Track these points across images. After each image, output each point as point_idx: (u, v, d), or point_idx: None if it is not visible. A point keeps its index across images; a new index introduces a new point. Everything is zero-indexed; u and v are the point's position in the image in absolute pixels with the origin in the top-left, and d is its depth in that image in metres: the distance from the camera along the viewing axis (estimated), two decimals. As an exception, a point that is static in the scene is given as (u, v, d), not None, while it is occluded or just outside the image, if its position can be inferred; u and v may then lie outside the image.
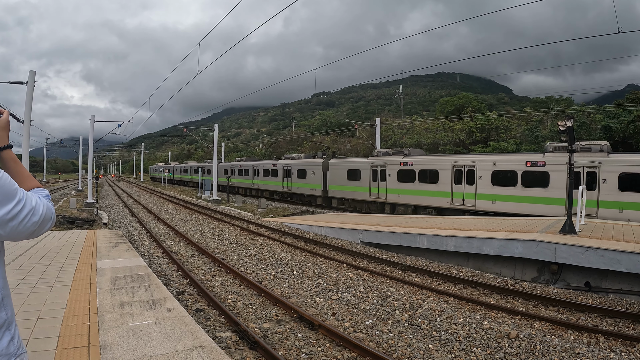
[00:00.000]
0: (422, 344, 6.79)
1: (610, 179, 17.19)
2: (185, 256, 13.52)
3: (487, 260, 12.49)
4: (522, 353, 6.36)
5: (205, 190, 41.99)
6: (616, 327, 7.71)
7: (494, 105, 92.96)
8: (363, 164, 27.92)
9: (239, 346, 6.48)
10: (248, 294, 9.40)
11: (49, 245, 11.19)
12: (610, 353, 6.37)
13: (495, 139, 48.15)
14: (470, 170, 21.41)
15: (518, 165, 19.90)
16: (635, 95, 42.89)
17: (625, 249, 9.72)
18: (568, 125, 12.26)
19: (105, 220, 21.98)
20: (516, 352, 6.40)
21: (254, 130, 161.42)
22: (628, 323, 7.84)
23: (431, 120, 60.23)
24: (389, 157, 26.33)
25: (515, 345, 6.62)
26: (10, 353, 1.50)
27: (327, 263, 12.51)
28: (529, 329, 7.38)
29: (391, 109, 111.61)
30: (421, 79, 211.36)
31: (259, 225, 19.98)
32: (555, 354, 6.29)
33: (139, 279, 7.67)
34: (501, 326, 7.42)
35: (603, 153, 18.03)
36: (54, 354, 4.29)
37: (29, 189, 1.66)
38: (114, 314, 5.63)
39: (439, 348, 6.65)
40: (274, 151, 70.29)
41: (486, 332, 7.14)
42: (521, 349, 6.49)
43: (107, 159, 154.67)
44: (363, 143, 52.94)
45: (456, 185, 21.97)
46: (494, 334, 7.07)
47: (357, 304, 8.79)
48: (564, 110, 46.42)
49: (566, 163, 15.45)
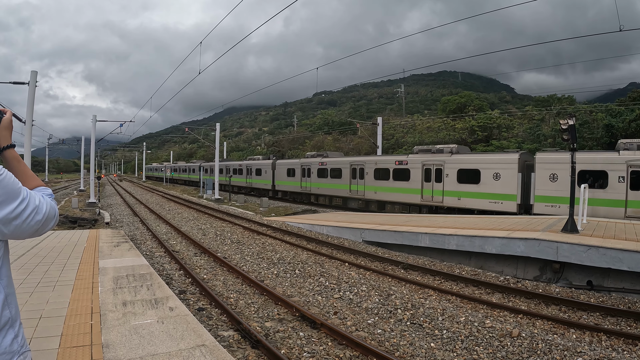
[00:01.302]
0: (424, 342, 6.79)
1: (451, 174, 22.56)
2: (188, 255, 13.54)
3: (489, 259, 12.49)
4: (524, 352, 6.36)
5: (207, 189, 42.39)
6: (618, 326, 7.70)
7: (495, 104, 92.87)
8: (296, 164, 35.85)
9: (241, 345, 6.49)
10: (250, 293, 9.41)
11: (51, 245, 11.23)
12: (612, 352, 6.36)
13: (497, 137, 48.04)
14: (361, 168, 28.49)
15: (390, 164, 26.35)
16: (637, 94, 42.74)
17: (627, 247, 9.70)
18: (570, 124, 12.24)
19: (107, 219, 22.03)
20: (518, 350, 6.40)
21: (256, 129, 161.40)
22: (630, 322, 7.82)
23: (433, 119, 60.16)
24: (312, 159, 34.31)
25: (517, 344, 6.62)
26: (13, 351, 1.50)
27: (329, 262, 12.52)
28: (531, 327, 7.38)
29: (393, 108, 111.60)
30: (423, 78, 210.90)
31: (261, 224, 20.00)
32: (557, 352, 6.29)
33: (141, 278, 7.69)
34: (503, 325, 7.42)
35: (449, 154, 23.26)
36: (56, 352, 4.30)
37: (33, 188, 1.67)
38: (116, 313, 5.65)
39: (441, 347, 6.65)
40: (276, 150, 70.31)
41: (488, 331, 7.14)
42: (523, 347, 6.49)
43: (109, 158, 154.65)
44: (365, 142, 52.92)
45: (353, 180, 29.15)
46: (496, 332, 7.07)
47: (359, 303, 8.79)
48: (565, 108, 46.30)
49: (421, 162, 24.17)
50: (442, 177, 23.03)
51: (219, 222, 21.42)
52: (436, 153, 24.13)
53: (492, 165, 21.21)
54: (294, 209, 29.49)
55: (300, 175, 34.60)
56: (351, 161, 30.15)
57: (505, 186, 20.57)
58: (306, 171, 33.97)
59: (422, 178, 24.10)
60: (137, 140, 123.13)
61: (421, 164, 24.25)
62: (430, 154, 24.30)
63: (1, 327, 1.48)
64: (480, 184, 21.48)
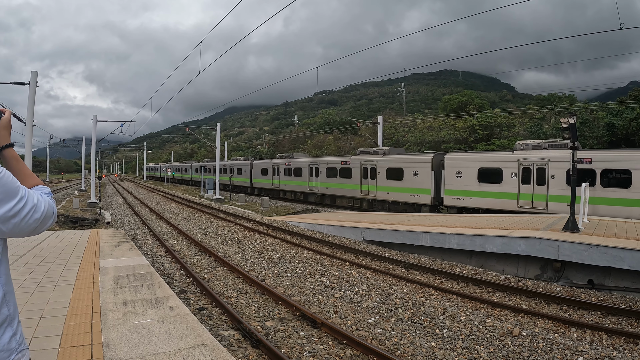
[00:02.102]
0: (425, 341, 6.79)
1: (382, 172, 26.20)
2: (188, 255, 13.55)
3: (490, 258, 12.48)
4: (525, 351, 6.35)
5: (208, 189, 42.56)
6: (619, 324, 7.69)
7: (496, 102, 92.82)
8: (268, 164, 40.22)
9: (241, 344, 6.49)
10: (251, 293, 9.42)
11: (52, 245, 11.24)
12: (613, 351, 6.36)
13: (498, 136, 48.01)
14: (317, 168, 32.51)
15: (338, 164, 30.35)
16: (638, 92, 42.72)
17: (628, 246, 9.69)
18: (570, 123, 12.22)
19: (108, 219, 22.04)
20: (519, 349, 6.40)
21: (257, 129, 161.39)
22: (631, 321, 7.81)
23: (434, 118, 60.15)
24: (281, 159, 38.41)
25: (518, 343, 6.62)
26: (11, 349, 1.51)
27: (330, 261, 12.52)
28: (532, 326, 7.37)
29: (394, 107, 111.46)
30: (423, 77, 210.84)
31: (261, 223, 20.00)
32: (558, 351, 6.28)
33: (142, 277, 7.69)
34: (504, 324, 7.41)
35: (380, 155, 27.05)
36: (56, 352, 4.30)
37: (31, 187, 1.67)
38: (117, 313, 5.65)
39: (442, 346, 6.65)
40: (277, 150, 70.39)
41: (489, 330, 7.14)
42: (524, 346, 6.49)
43: (110, 158, 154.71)
44: (365, 141, 52.91)
45: (310, 177, 33.33)
46: (497, 331, 7.07)
47: (359, 302, 8.79)
48: (566, 107, 46.25)
49: (360, 162, 28.02)
50: (375, 174, 26.86)
51: (220, 222, 21.43)
52: (372, 154, 28.02)
53: (412, 165, 24.60)
54: (294, 209, 29.52)
55: (272, 174, 39.14)
56: (309, 161, 34.22)
57: (422, 182, 23.79)
58: (276, 170, 38.41)
59: (360, 175, 28.04)
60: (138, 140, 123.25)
61: (360, 163, 28.17)
62: (367, 155, 28.32)
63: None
64: (403, 180, 24.96)
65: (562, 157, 18.30)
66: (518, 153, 20.20)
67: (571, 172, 12.87)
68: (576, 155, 12.81)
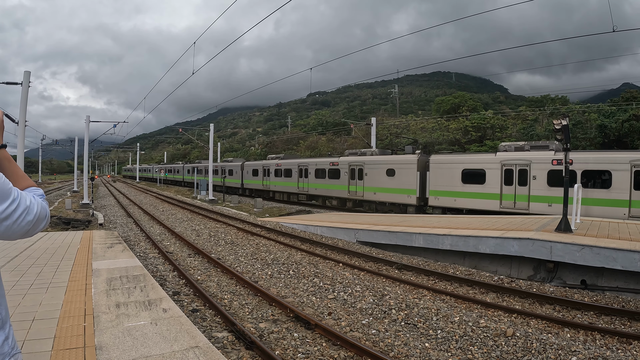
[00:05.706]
0: (419, 342, 6.80)
1: (369, 173, 27.05)
2: (181, 256, 13.48)
3: (483, 258, 12.53)
4: (519, 351, 6.38)
5: (201, 190, 42.45)
6: (612, 324, 7.74)
7: (489, 104, 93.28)
8: (259, 166, 40.92)
9: (235, 346, 6.46)
10: (244, 294, 9.38)
11: (44, 246, 11.14)
12: (606, 350, 6.40)
13: (491, 137, 48.23)
14: (306, 169, 33.14)
15: (326, 165, 30.89)
16: (630, 94, 43.15)
17: (620, 246, 9.77)
18: (563, 124, 12.31)
19: (101, 221, 21.89)
20: (512, 350, 6.42)
21: (250, 130, 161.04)
22: (624, 320, 7.87)
23: (427, 120, 60.36)
24: (272, 161, 39.04)
25: (512, 343, 6.64)
26: (4, 353, 1.49)
27: (324, 262, 12.51)
28: (525, 327, 7.40)
29: (387, 109, 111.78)
30: (417, 79, 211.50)
31: (255, 225, 19.95)
32: (552, 351, 6.31)
33: (135, 279, 7.64)
34: (497, 324, 7.44)
35: (368, 156, 28.04)
36: (49, 355, 4.26)
37: (24, 188, 1.65)
38: (110, 315, 5.61)
39: (436, 347, 6.66)
40: (270, 151, 70.35)
41: (482, 331, 7.16)
42: (517, 347, 6.51)
43: (102, 159, 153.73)
44: (359, 142, 53.00)
45: (300, 178, 33.81)
46: (491, 332, 7.09)
47: (353, 304, 8.79)
48: (559, 109, 46.61)
49: (348, 163, 28.93)
50: (363, 175, 27.61)
51: (213, 223, 21.35)
52: (360, 156, 28.83)
53: (398, 166, 25.11)
54: (287, 210, 29.48)
55: (262, 175, 39.75)
56: (299, 163, 34.75)
57: (407, 183, 24.33)
58: (266, 171, 39.01)
59: (348, 176, 28.70)
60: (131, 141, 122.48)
61: (348, 164, 28.87)
62: (355, 157, 29.09)
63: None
64: (389, 181, 25.46)
65: (544, 159, 18.74)
66: (501, 154, 20.68)
67: (563, 173, 12.95)
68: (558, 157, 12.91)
